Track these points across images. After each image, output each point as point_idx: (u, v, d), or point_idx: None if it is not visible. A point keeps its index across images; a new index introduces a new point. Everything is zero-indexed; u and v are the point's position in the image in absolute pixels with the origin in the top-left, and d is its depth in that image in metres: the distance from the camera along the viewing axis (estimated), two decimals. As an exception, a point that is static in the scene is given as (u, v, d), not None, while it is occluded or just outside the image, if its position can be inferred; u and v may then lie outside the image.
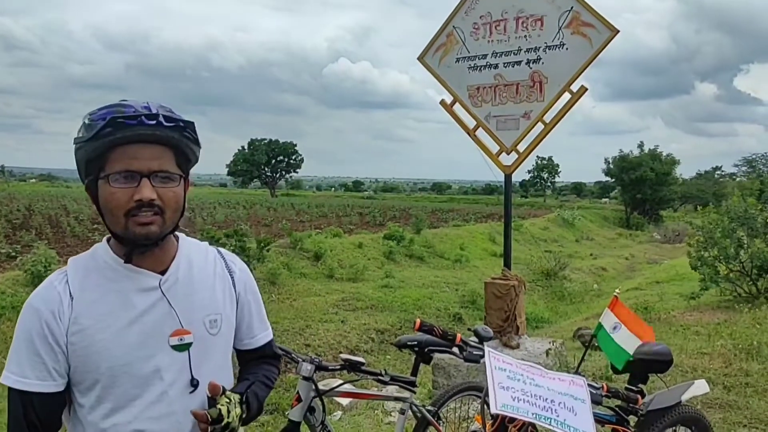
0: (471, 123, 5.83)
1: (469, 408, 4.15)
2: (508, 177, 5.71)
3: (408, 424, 3.43)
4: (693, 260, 10.78)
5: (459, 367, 5.26)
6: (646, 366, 3.00)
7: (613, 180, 54.14)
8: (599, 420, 2.85)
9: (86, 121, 1.38)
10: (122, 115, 1.34)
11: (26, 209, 26.34)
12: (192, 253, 1.57)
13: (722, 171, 67.05)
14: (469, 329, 3.03)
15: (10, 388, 1.39)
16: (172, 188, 1.41)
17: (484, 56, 5.71)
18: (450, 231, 25.12)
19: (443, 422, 3.65)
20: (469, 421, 4.23)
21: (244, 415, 1.50)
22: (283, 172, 73.46)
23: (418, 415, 3.39)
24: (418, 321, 2.65)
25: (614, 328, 2.80)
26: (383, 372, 3.03)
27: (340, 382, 3.27)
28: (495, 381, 1.99)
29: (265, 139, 70.69)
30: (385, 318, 12.53)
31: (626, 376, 3.14)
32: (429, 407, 3.47)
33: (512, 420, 2.27)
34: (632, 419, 2.91)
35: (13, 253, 13.62)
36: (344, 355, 3.04)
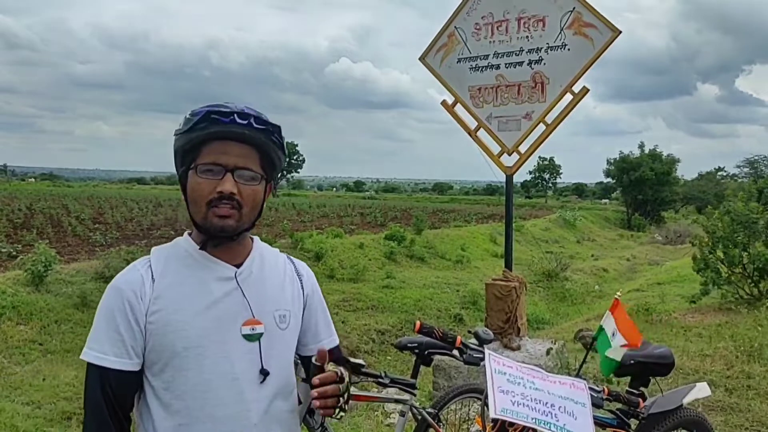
0: (472, 124, 5.81)
1: (469, 410, 4.13)
2: (509, 178, 5.69)
3: (408, 425, 3.42)
4: (698, 262, 10.73)
5: (459, 368, 5.25)
6: (647, 369, 2.99)
7: (614, 181, 54.09)
8: (600, 423, 2.83)
9: (187, 116, 1.49)
10: (218, 111, 1.45)
11: (27, 208, 26.36)
12: (265, 253, 1.65)
13: (724, 172, 66.96)
14: (469, 331, 3.01)
15: (89, 364, 1.46)
16: (252, 186, 1.50)
17: (486, 57, 5.69)
18: (451, 231, 25.12)
19: (443, 424, 3.63)
20: (469, 422, 4.21)
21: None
22: (284, 172, 73.54)
23: (419, 417, 3.38)
24: (418, 323, 2.63)
25: (613, 334, 2.79)
26: (383, 374, 3.03)
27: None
28: (495, 385, 1.97)
29: (266, 139, 70.55)
30: (385, 318, 12.53)
31: (628, 379, 3.12)
32: (429, 409, 3.46)
33: (512, 423, 2.25)
34: (633, 422, 2.89)
35: (14, 253, 13.62)
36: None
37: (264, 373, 1.51)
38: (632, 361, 2.97)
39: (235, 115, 1.44)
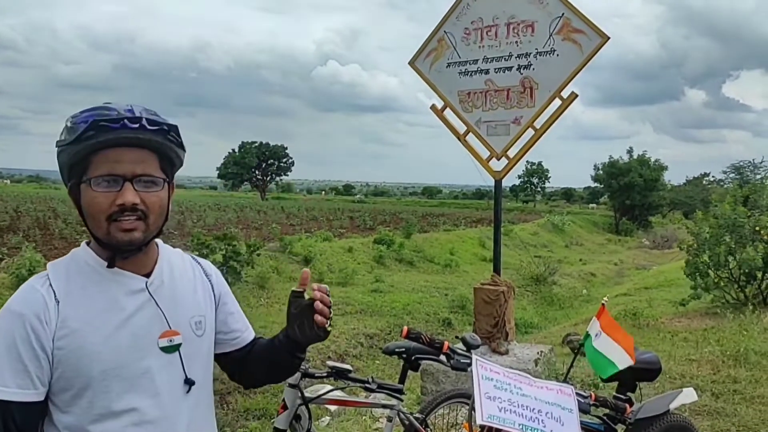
0: (462, 128, 5.81)
1: (457, 414, 4.12)
2: (498, 182, 5.70)
3: (395, 430, 3.40)
4: (689, 267, 10.77)
5: (448, 372, 5.23)
6: (634, 374, 2.99)
7: (602, 186, 54.43)
8: (587, 429, 2.83)
9: (68, 124, 1.36)
10: (105, 118, 1.32)
11: (14, 211, 26.11)
12: (172, 257, 1.57)
13: (711, 177, 67.48)
14: (456, 337, 3.00)
15: None
16: (156, 192, 1.40)
17: (475, 61, 5.70)
18: (440, 235, 25.16)
19: (431, 429, 3.62)
20: (457, 427, 4.20)
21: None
22: (274, 175, 73.36)
23: (406, 422, 3.36)
24: (405, 328, 2.62)
25: (596, 335, 2.80)
26: (370, 380, 3.01)
27: (328, 388, 3.24)
28: (482, 391, 1.97)
29: (255, 142, 70.60)
30: (374, 323, 12.50)
31: (614, 385, 3.12)
32: (417, 414, 3.45)
33: (500, 429, 2.24)
34: (620, 428, 2.90)
35: (0, 256, 13.48)
36: (331, 363, 3.02)
37: (189, 383, 1.47)
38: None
39: (125, 119, 1.33)
